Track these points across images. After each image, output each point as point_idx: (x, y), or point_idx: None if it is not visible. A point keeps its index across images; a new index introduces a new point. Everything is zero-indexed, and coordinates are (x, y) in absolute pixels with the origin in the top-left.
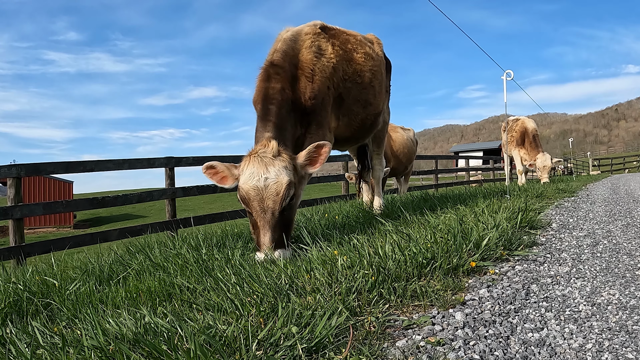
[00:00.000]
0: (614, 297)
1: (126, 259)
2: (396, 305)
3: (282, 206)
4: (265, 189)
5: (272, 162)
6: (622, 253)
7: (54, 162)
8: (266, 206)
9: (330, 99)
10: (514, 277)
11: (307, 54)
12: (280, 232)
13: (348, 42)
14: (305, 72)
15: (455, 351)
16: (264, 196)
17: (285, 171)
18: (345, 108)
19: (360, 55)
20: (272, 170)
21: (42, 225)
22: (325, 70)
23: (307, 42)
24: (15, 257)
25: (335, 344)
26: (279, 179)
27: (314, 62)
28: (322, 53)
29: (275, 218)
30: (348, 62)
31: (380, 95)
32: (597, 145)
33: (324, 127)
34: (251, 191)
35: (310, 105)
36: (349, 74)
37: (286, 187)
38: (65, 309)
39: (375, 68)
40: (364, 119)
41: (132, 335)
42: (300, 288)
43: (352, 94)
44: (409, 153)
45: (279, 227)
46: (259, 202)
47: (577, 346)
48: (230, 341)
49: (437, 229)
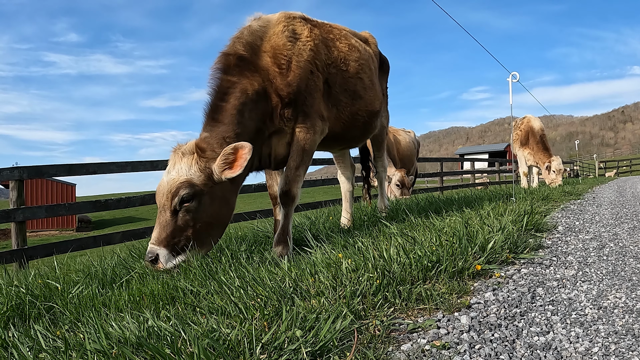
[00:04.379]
0: (620, 300)
1: (129, 262)
2: (401, 309)
3: (174, 205)
4: (164, 185)
5: (179, 160)
6: (628, 256)
7: (57, 165)
8: (159, 202)
9: (318, 84)
10: (519, 281)
11: (279, 39)
12: (171, 233)
13: (330, 32)
14: (278, 60)
15: (461, 355)
16: (163, 192)
17: (187, 170)
18: (334, 97)
19: (344, 44)
20: (176, 168)
21: (44, 228)
22: (302, 54)
23: (279, 27)
24: (18, 260)
25: (339, 347)
26: (175, 177)
27: (289, 47)
28: (297, 37)
29: (167, 217)
30: (329, 48)
31: (373, 91)
32: (603, 148)
33: (312, 117)
34: (158, 186)
35: (289, 95)
36: (332, 59)
37: (178, 185)
38: (68, 313)
39: (363, 61)
40: (354, 113)
41: (135, 338)
42: (304, 291)
43: (338, 81)
44: (412, 155)
45: (172, 228)
46: (159, 197)
47: (584, 350)
48: (234, 345)
49: (442, 232)
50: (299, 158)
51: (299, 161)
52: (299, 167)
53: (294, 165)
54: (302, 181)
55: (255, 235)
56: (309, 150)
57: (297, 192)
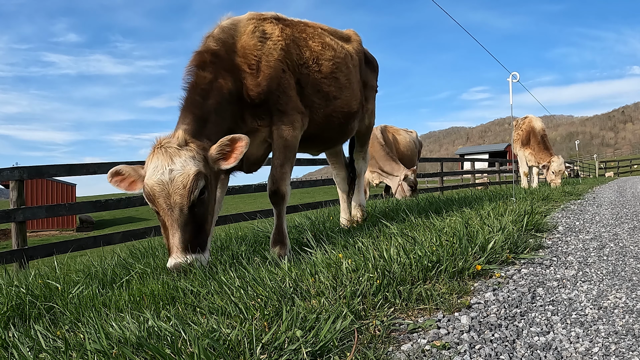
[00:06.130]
0: (620, 300)
1: (129, 262)
2: (401, 309)
3: (192, 200)
4: (171, 182)
5: (177, 153)
6: (628, 256)
7: (57, 165)
8: (173, 202)
9: (290, 82)
10: (520, 281)
11: (249, 39)
12: (192, 233)
13: (303, 32)
14: (248, 59)
15: (461, 355)
16: (170, 191)
17: (192, 161)
18: (307, 98)
19: (317, 43)
20: (177, 161)
21: (44, 228)
22: (272, 54)
23: (250, 27)
24: (18, 261)
25: (340, 347)
26: (185, 170)
27: (258, 48)
28: (267, 37)
29: (185, 215)
30: (301, 47)
31: (349, 91)
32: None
33: (289, 114)
34: (156, 186)
35: (260, 96)
36: (303, 59)
37: (194, 177)
38: (68, 313)
39: (339, 60)
40: (329, 115)
41: (135, 339)
42: (304, 291)
43: (310, 82)
44: (412, 155)
45: (191, 227)
46: (165, 198)
47: (584, 350)
48: (234, 345)
49: (442, 232)
50: (282, 155)
51: (282, 159)
52: (284, 164)
53: (279, 164)
54: (289, 178)
55: (255, 235)
56: (291, 147)
57: (286, 189)
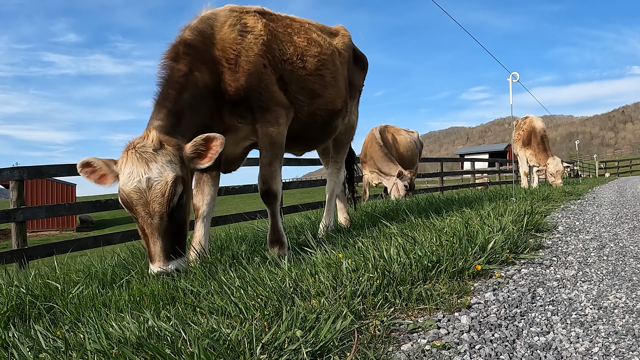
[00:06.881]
0: (620, 300)
1: (129, 262)
2: (401, 309)
3: (171, 207)
4: (149, 190)
5: (153, 158)
6: (628, 256)
7: (57, 165)
8: (152, 210)
9: (272, 78)
10: (520, 281)
11: (229, 32)
12: (173, 239)
13: (289, 27)
14: (226, 54)
15: (461, 355)
16: (148, 199)
17: (169, 166)
18: (290, 95)
19: (302, 39)
20: (154, 168)
21: (44, 228)
22: (253, 49)
23: (230, 20)
24: (18, 261)
25: (340, 347)
26: (163, 177)
27: (238, 42)
28: (247, 30)
29: (165, 222)
30: (284, 42)
31: (335, 89)
32: (603, 148)
33: (273, 110)
34: (133, 194)
35: (239, 92)
36: (287, 55)
37: (172, 184)
38: (68, 313)
39: (324, 57)
40: (312, 113)
41: (135, 339)
42: (304, 291)
43: (294, 79)
44: (412, 155)
45: (171, 233)
46: (143, 206)
47: (584, 350)
48: (234, 345)
49: (442, 232)
50: (270, 154)
51: (270, 157)
52: (272, 162)
53: (267, 162)
54: (279, 176)
55: (255, 235)
56: (278, 144)
57: (277, 188)
